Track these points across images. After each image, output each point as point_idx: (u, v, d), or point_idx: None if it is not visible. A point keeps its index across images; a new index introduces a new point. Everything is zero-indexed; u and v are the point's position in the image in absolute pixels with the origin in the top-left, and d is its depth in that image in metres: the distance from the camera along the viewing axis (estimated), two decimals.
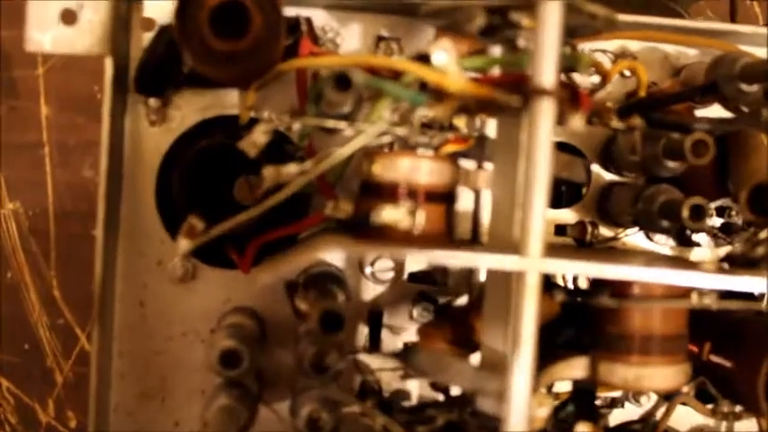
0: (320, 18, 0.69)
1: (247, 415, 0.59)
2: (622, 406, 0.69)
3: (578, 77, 0.60)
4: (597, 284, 0.59)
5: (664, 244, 0.71)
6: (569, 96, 0.52)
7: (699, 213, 0.60)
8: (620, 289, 0.58)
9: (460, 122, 0.64)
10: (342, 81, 0.50)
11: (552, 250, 0.51)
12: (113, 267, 0.67)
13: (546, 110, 0.50)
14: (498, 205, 0.58)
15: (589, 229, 0.70)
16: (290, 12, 0.66)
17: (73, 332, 0.91)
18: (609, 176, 0.71)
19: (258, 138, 0.59)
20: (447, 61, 0.53)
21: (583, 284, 0.67)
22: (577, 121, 0.52)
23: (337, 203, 0.59)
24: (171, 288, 0.68)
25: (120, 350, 0.68)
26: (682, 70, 0.71)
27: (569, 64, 0.54)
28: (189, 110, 0.68)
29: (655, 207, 0.63)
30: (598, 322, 0.59)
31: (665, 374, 0.57)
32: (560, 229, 0.70)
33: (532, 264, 0.50)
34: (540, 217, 0.50)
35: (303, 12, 0.67)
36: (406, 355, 0.55)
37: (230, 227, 0.58)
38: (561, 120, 0.52)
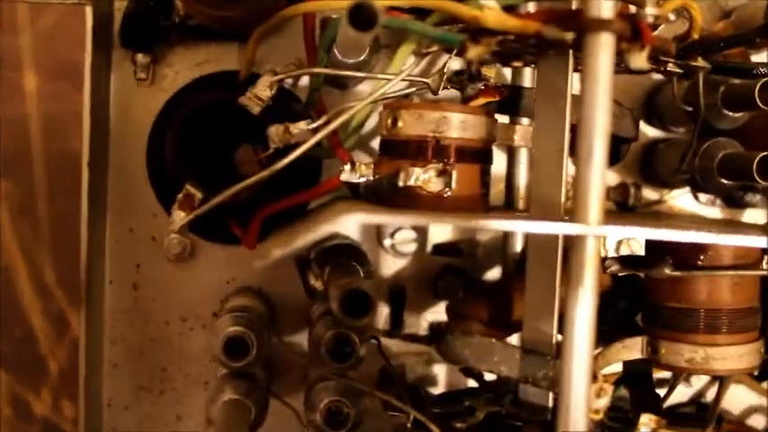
0: None
1: (257, 410, 0.50)
2: (672, 388, 0.59)
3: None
4: (655, 253, 0.49)
5: (713, 206, 0.61)
6: (629, 29, 0.42)
7: None
8: (682, 257, 0.48)
9: (490, 72, 0.54)
10: (362, 16, 0.40)
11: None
12: (101, 246, 0.57)
13: (604, 45, 0.40)
14: (541, 164, 0.48)
15: (632, 191, 0.60)
16: None
17: (66, 318, 0.82)
18: (653, 132, 0.61)
19: (262, 91, 0.48)
20: None
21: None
22: (640, 59, 0.42)
23: (355, 166, 0.49)
24: (167, 267, 0.58)
25: (113, 337, 0.58)
26: (731, 13, 0.61)
27: None
28: (182, 66, 0.57)
29: (714, 163, 0.53)
30: (657, 296, 0.49)
31: (737, 354, 0.47)
32: None
33: (593, 230, 0.41)
34: (600, 175, 0.41)
35: None
36: (437, 340, 0.45)
37: (232, 195, 0.48)
38: (620, 59, 0.42)
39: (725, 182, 0.53)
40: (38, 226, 0.86)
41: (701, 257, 0.47)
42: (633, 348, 0.49)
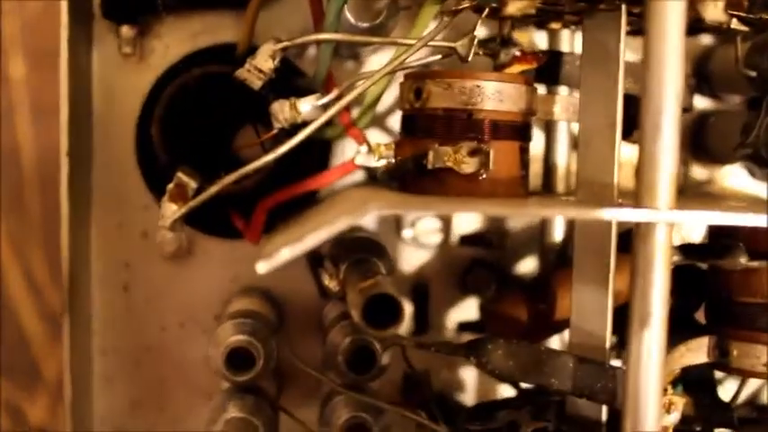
0: None
1: (265, 429, 0.42)
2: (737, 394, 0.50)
3: None
4: (722, 240, 0.41)
5: None
6: None
7: None
8: (756, 244, 0.40)
9: (523, 38, 0.46)
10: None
11: None
12: (86, 244, 0.49)
13: None
14: (589, 141, 0.41)
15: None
16: None
17: (60, 319, 0.75)
18: (702, 103, 0.53)
19: (263, 62, 0.41)
20: None
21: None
22: (716, 10, 0.34)
23: (372, 147, 0.42)
24: (161, 266, 0.50)
25: (103, 348, 0.51)
26: None
27: None
28: (173, 39, 0.49)
29: None
30: (725, 290, 0.41)
31: None
32: None
33: (665, 216, 0.33)
34: (672, 153, 0.33)
35: None
36: (475, 352, 0.37)
37: (231, 183, 0.40)
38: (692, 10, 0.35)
39: None
40: (28, 221, 0.80)
41: None
42: (699, 351, 0.41)
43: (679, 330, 0.44)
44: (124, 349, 0.50)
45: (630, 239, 0.35)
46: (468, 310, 0.51)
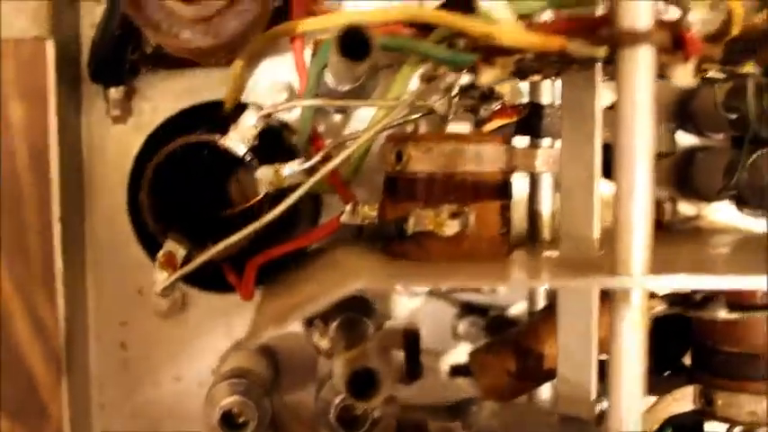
0: None
1: None
2: None
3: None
4: (703, 292, 0.42)
5: (758, 216, 0.53)
6: (670, 40, 0.35)
7: None
8: (739, 295, 0.41)
9: (504, 89, 0.47)
10: (354, 42, 0.33)
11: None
12: (83, 303, 0.50)
13: (642, 61, 0.33)
14: (570, 194, 0.41)
15: (667, 206, 0.53)
16: None
17: None
18: (688, 140, 0.53)
19: (246, 130, 0.41)
20: (497, 6, 0.35)
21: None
22: (685, 74, 0.34)
23: (356, 207, 0.42)
24: (157, 323, 0.51)
25: (102, 402, 0.51)
26: None
27: None
28: (160, 99, 0.50)
29: (763, 177, 0.46)
30: (710, 338, 0.42)
31: None
32: None
33: (639, 282, 0.33)
34: (645, 215, 0.33)
35: None
36: (461, 414, 0.38)
37: (220, 252, 0.41)
38: (661, 72, 0.35)
39: None
40: (30, 261, 0.80)
41: (762, 294, 0.40)
42: (685, 400, 0.42)
43: (666, 377, 0.44)
44: (122, 404, 0.51)
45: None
46: (459, 354, 0.52)
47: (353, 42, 0.34)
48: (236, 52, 0.44)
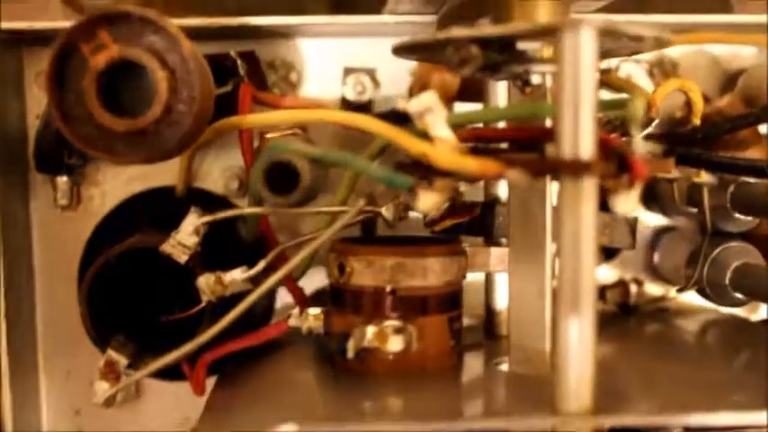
0: (269, 50, 0.49)
1: None
2: None
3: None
4: None
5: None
6: (615, 167, 0.33)
7: None
8: None
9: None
10: (279, 178, 0.31)
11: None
12: (35, 393, 0.49)
13: (585, 193, 0.31)
14: (521, 303, 0.39)
15: (633, 289, 0.51)
16: (225, 47, 0.47)
17: None
18: (654, 220, 0.52)
19: (186, 238, 0.40)
20: (431, 121, 0.33)
21: None
22: (629, 202, 0.33)
23: (304, 312, 0.41)
24: (110, 411, 0.49)
25: None
26: (736, 77, 0.51)
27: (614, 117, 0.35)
28: (110, 185, 0.49)
29: (725, 274, 0.44)
30: None
31: None
32: (597, 293, 0.50)
33: (577, 424, 0.32)
34: (587, 348, 0.32)
35: (245, 45, 0.48)
36: None
37: (165, 364, 0.40)
38: (605, 200, 0.33)
39: (740, 296, 0.44)
40: None
41: None
42: None
43: None
44: None
45: None
46: None
47: (280, 176, 0.32)
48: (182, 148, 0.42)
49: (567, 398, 0.32)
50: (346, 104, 0.49)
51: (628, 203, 0.33)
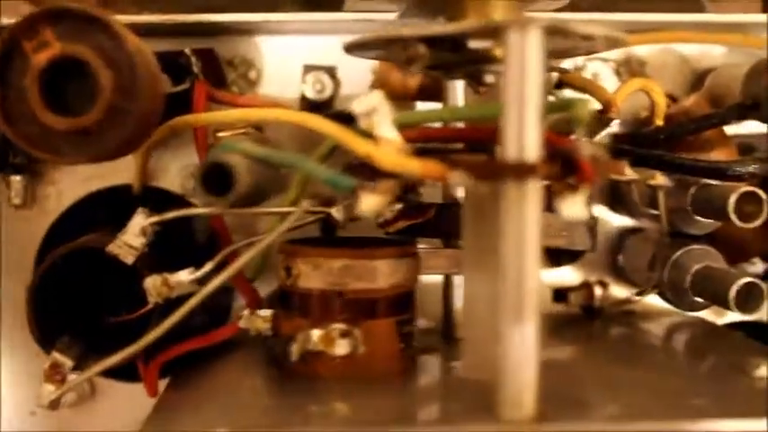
0: (228, 48, 0.49)
1: None
2: None
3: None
4: None
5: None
6: (561, 169, 0.32)
7: (752, 295, 0.40)
8: None
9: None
10: (215, 181, 0.30)
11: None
12: None
13: (529, 196, 0.31)
14: (473, 304, 0.39)
15: (597, 291, 0.50)
16: (186, 44, 0.46)
17: None
18: (619, 220, 0.51)
19: (133, 239, 0.39)
20: (377, 121, 0.33)
21: None
22: (575, 206, 0.32)
23: (253, 314, 0.40)
24: (65, 413, 0.49)
25: None
26: (705, 76, 0.50)
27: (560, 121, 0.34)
28: (67, 184, 0.48)
29: (686, 278, 0.43)
30: None
31: None
32: (560, 295, 0.50)
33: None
34: (532, 364, 0.31)
35: (205, 42, 0.47)
36: None
37: (109, 366, 0.39)
38: (549, 204, 0.33)
39: (700, 300, 0.43)
40: None
41: None
42: None
43: None
44: None
45: None
46: None
47: (216, 178, 0.31)
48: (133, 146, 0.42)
49: (510, 405, 0.32)
50: (306, 103, 0.48)
51: (574, 207, 0.32)
